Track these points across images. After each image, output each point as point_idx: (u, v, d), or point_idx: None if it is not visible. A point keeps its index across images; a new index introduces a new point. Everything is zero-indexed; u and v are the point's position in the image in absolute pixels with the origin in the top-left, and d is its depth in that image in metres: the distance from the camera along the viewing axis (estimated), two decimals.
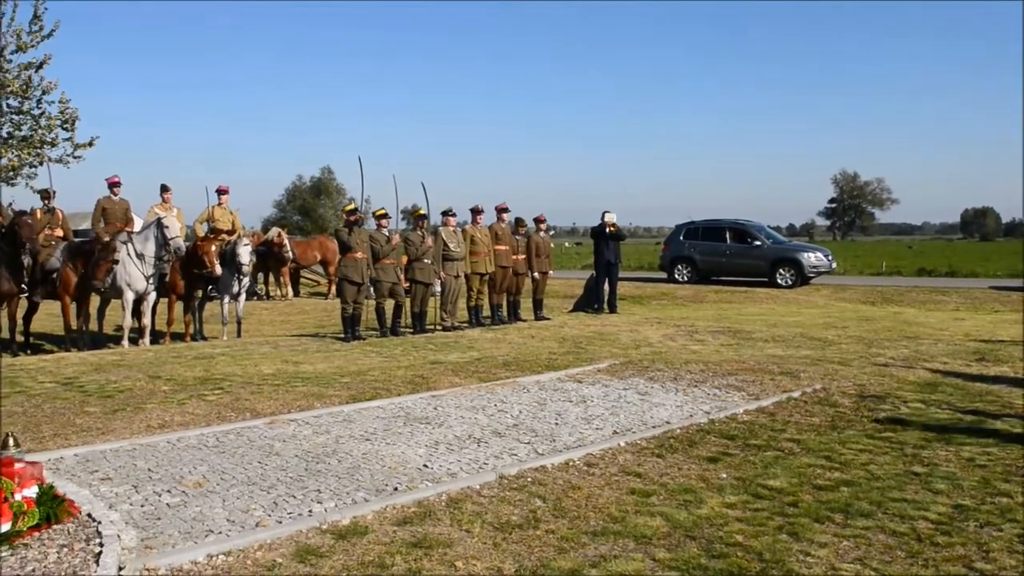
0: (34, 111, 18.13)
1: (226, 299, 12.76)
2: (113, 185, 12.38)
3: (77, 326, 11.79)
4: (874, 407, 7.14)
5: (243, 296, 13.06)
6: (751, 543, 4.04)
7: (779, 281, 21.46)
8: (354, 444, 5.86)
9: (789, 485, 4.97)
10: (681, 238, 23.40)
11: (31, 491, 4.05)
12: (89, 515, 4.24)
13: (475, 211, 13.44)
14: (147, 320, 11.89)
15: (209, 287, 12.87)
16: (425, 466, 5.36)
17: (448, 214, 13.04)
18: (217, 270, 12.07)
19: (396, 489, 4.86)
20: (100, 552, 3.75)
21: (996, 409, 7.05)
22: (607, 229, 15.27)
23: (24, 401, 7.21)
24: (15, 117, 18.12)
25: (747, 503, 4.66)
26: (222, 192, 13.49)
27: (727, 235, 22.77)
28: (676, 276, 22.96)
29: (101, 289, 11.61)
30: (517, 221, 14.06)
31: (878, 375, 8.62)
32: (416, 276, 12.35)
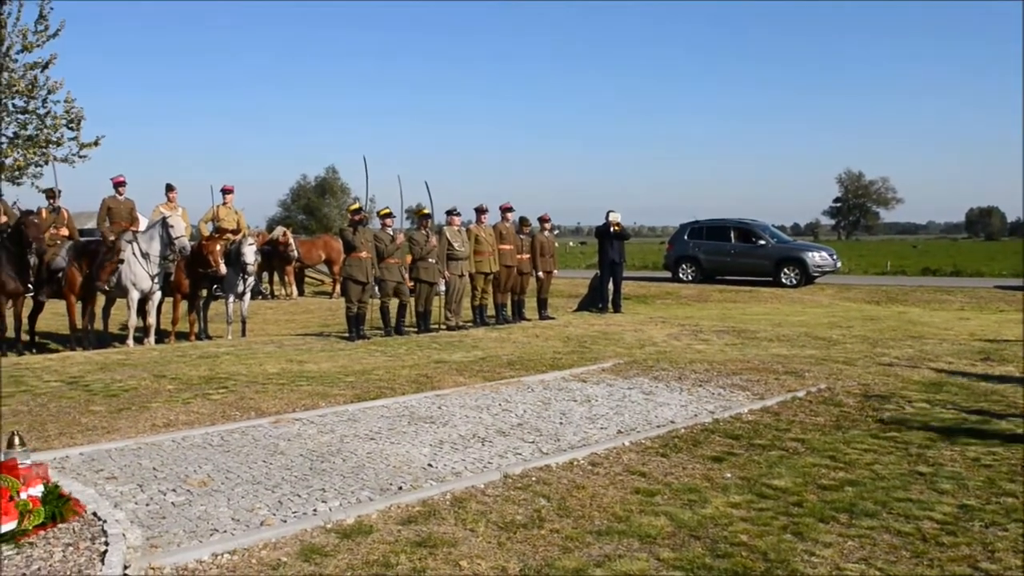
0: (40, 110, 18.19)
1: (231, 298, 12.78)
2: (118, 184, 12.40)
3: (82, 325, 11.82)
4: (879, 407, 7.13)
5: (248, 295, 13.08)
6: (756, 543, 4.04)
7: (784, 281, 21.43)
8: (359, 443, 5.87)
9: (794, 485, 4.97)
10: (685, 237, 23.38)
11: (36, 490, 4.06)
12: (94, 514, 4.25)
13: (479, 210, 13.45)
14: (152, 319, 11.91)
15: (214, 286, 12.89)
16: (430, 465, 5.36)
17: (452, 213, 13.04)
18: (222, 269, 12.09)
19: (401, 488, 4.86)
20: (105, 551, 3.76)
21: (1001, 409, 7.04)
22: (611, 228, 15.27)
23: (30, 400, 7.23)
24: (21, 116, 18.18)
25: (752, 503, 4.65)
26: (227, 191, 13.51)
27: (731, 234, 22.73)
28: (680, 275, 22.93)
29: (105, 289, 11.65)
30: (521, 220, 14.07)
31: (883, 375, 8.60)
32: (420, 275, 12.36)
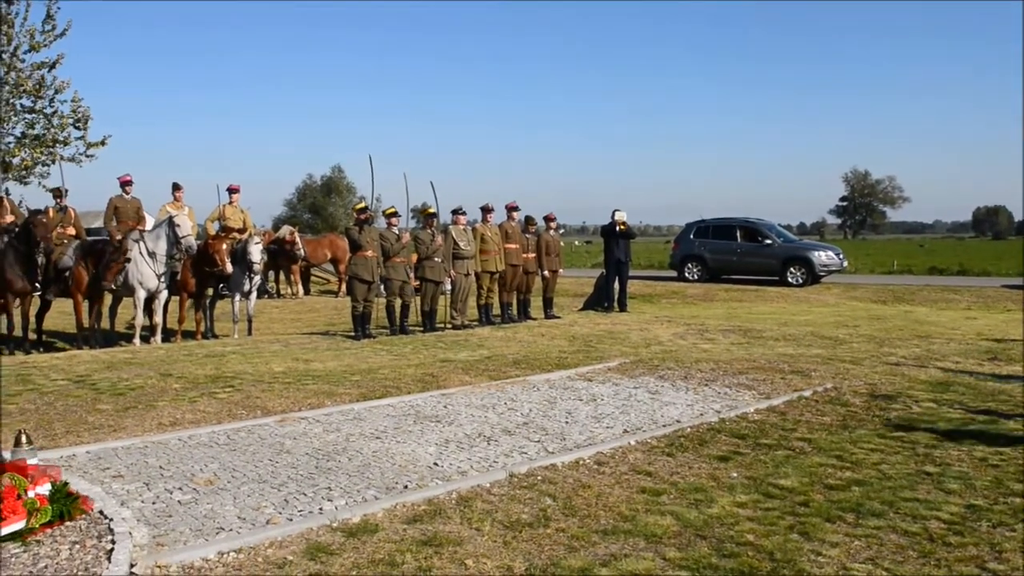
0: (47, 110, 18.24)
1: (237, 297, 12.80)
2: (125, 184, 12.43)
3: (89, 324, 11.85)
4: (885, 406, 7.11)
5: (254, 294, 13.10)
6: (762, 542, 4.03)
7: (790, 280, 21.39)
8: (364, 442, 5.87)
9: (800, 484, 4.96)
10: (691, 237, 23.35)
11: (44, 488, 4.07)
12: (101, 512, 4.25)
13: (485, 209, 13.44)
14: (159, 318, 11.94)
15: (220, 285, 12.91)
16: (435, 464, 5.36)
17: (458, 212, 13.06)
18: (228, 268, 12.11)
19: (406, 487, 4.86)
20: (112, 549, 3.76)
21: (1009, 408, 7.01)
22: (617, 227, 15.25)
23: (37, 399, 7.25)
24: (28, 116, 18.24)
25: (758, 502, 4.64)
26: (233, 191, 13.53)
27: (738, 234, 22.68)
28: (686, 275, 22.91)
29: (112, 288, 11.69)
30: (527, 219, 14.05)
31: (889, 374, 8.58)
32: (426, 274, 12.36)
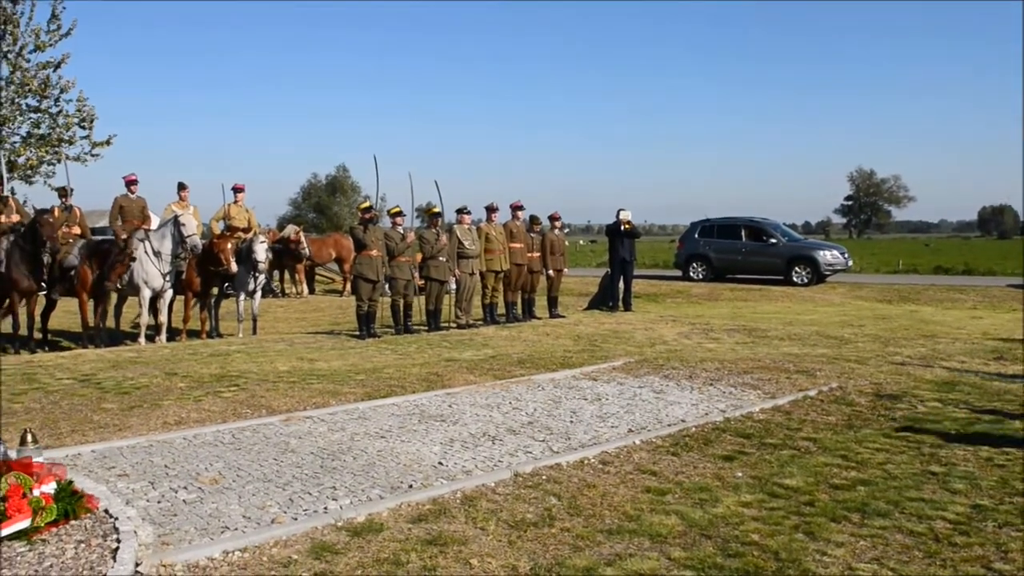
0: (52, 109, 18.33)
1: (242, 296, 12.81)
2: (130, 183, 12.45)
3: (95, 323, 11.87)
4: (891, 406, 7.10)
5: (259, 293, 13.11)
6: (767, 542, 4.02)
7: (795, 279, 21.35)
8: (369, 441, 5.87)
9: (805, 484, 4.95)
10: (696, 236, 23.31)
11: (49, 487, 4.08)
12: (106, 511, 4.26)
13: (490, 209, 13.44)
14: (163, 317, 11.95)
15: (225, 284, 12.92)
16: (440, 464, 5.36)
17: (463, 212, 13.05)
18: (233, 267, 12.12)
19: (411, 486, 4.87)
20: (117, 548, 3.77)
21: (1014, 408, 6.99)
22: (622, 227, 15.23)
23: (42, 398, 7.27)
24: (33, 116, 18.31)
25: (763, 502, 4.64)
26: (238, 190, 13.54)
27: (742, 233, 22.64)
28: (691, 274, 22.88)
29: (117, 288, 11.72)
30: (532, 219, 14.05)
31: (895, 374, 8.56)
32: (431, 274, 12.36)
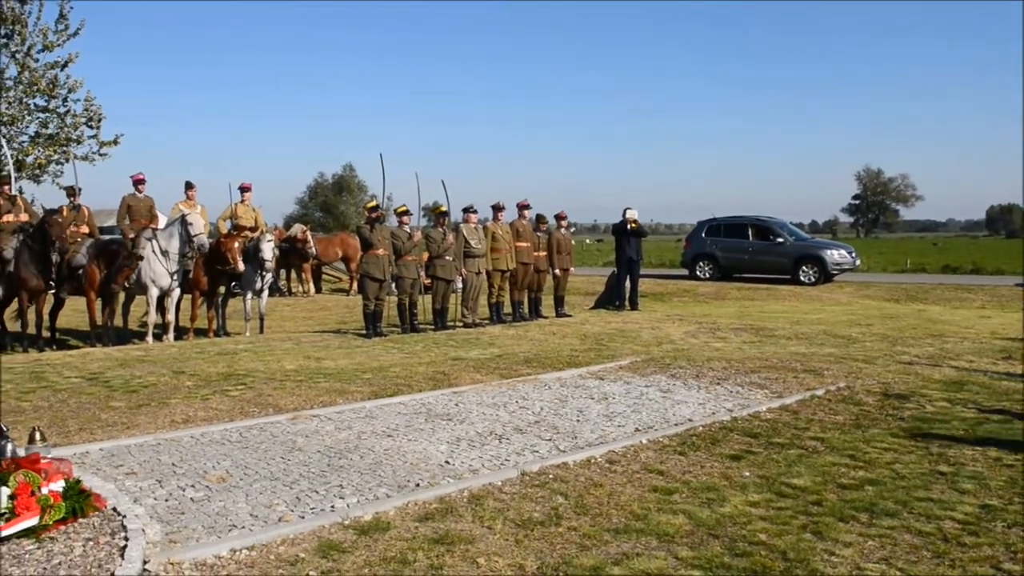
0: (60, 109, 18.39)
1: (249, 295, 12.84)
2: (138, 182, 12.49)
3: (102, 322, 11.91)
4: (899, 405, 7.07)
5: (265, 292, 13.14)
6: (775, 542, 4.01)
7: (802, 278, 21.30)
8: (376, 440, 5.88)
9: (813, 484, 4.93)
10: (703, 235, 23.28)
11: (57, 485, 4.09)
12: (114, 509, 4.27)
13: (496, 208, 13.44)
14: (171, 316, 11.99)
15: (232, 283, 12.95)
16: (447, 462, 5.36)
17: (469, 211, 13.06)
18: (240, 266, 12.15)
19: (418, 485, 4.87)
20: (125, 546, 3.78)
21: (1022, 408, 6.95)
22: (628, 226, 15.23)
23: (50, 396, 7.30)
24: (41, 115, 18.39)
25: (770, 502, 4.62)
26: (245, 189, 13.57)
27: (749, 232, 22.59)
28: (698, 273, 22.85)
29: (125, 287, 11.76)
30: (538, 218, 14.04)
31: (903, 373, 8.53)
32: (437, 273, 12.38)
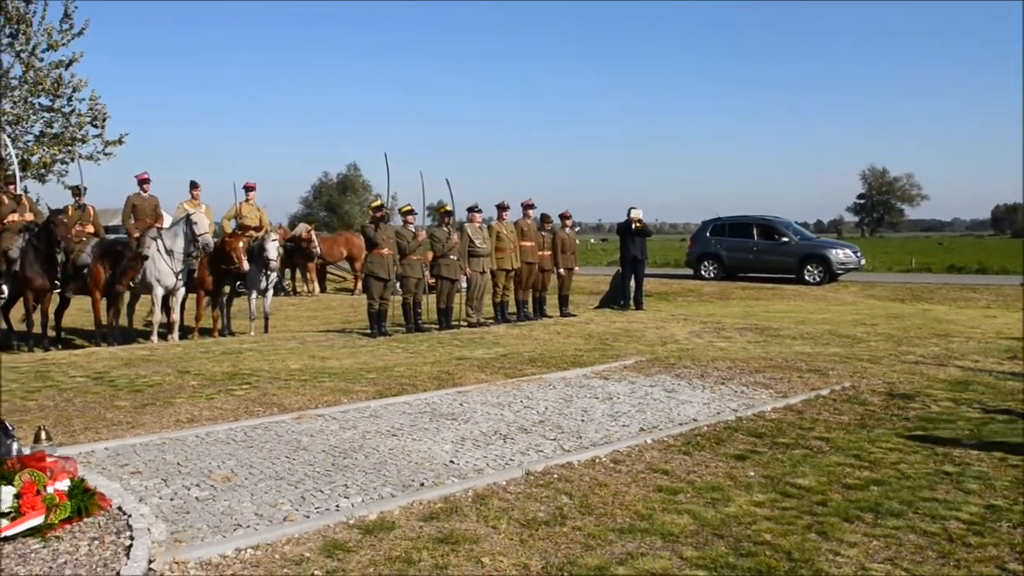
0: (65, 108, 18.45)
1: (253, 295, 12.86)
2: (143, 182, 12.52)
3: (107, 321, 11.94)
4: (904, 405, 7.05)
5: (270, 292, 13.16)
6: (779, 542, 4.00)
7: (807, 278, 21.27)
8: (380, 439, 5.88)
9: (818, 484, 4.92)
10: (708, 234, 23.26)
11: (63, 484, 4.10)
12: (120, 508, 4.28)
13: (501, 207, 13.44)
14: (176, 315, 12.01)
15: (237, 283, 12.97)
16: (451, 462, 5.36)
17: (474, 210, 13.05)
18: (245, 266, 12.16)
19: (423, 485, 4.87)
20: (131, 545, 3.78)
21: None
22: (633, 225, 15.21)
23: (55, 395, 7.31)
24: (46, 115, 18.44)
25: (775, 502, 4.61)
26: (249, 189, 13.58)
27: (754, 231, 22.57)
28: (703, 273, 22.83)
29: (130, 286, 11.79)
30: (543, 217, 14.03)
31: (908, 373, 8.51)
32: (442, 272, 12.37)
